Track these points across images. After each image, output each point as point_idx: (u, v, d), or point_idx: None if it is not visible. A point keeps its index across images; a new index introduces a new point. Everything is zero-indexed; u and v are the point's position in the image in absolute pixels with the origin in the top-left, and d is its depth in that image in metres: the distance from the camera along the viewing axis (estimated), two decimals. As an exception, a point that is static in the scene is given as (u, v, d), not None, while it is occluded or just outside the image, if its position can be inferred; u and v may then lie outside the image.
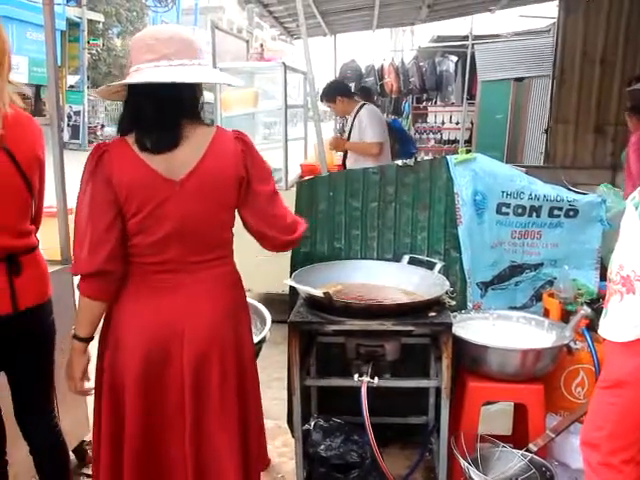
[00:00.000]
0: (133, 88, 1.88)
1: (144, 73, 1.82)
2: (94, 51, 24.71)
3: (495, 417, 3.02)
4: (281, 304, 3.08)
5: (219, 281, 2.02)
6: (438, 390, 2.55)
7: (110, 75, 26.07)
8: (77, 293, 1.98)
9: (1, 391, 2.22)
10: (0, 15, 17.31)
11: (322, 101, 5.48)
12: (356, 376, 2.41)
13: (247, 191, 1.98)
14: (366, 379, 2.38)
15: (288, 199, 4.25)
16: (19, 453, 2.31)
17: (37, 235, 2.20)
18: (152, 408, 1.96)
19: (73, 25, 22.00)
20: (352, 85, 9.11)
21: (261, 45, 5.48)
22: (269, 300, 3.04)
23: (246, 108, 5.48)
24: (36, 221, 2.20)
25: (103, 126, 23.60)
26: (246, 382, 2.07)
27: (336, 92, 5.36)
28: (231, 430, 2.00)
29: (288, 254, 3.03)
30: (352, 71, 11.18)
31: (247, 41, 6.36)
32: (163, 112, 1.85)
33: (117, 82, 1.91)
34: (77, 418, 2.98)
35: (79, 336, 1.98)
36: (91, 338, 2.00)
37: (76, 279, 2.00)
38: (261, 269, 4.73)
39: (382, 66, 11.45)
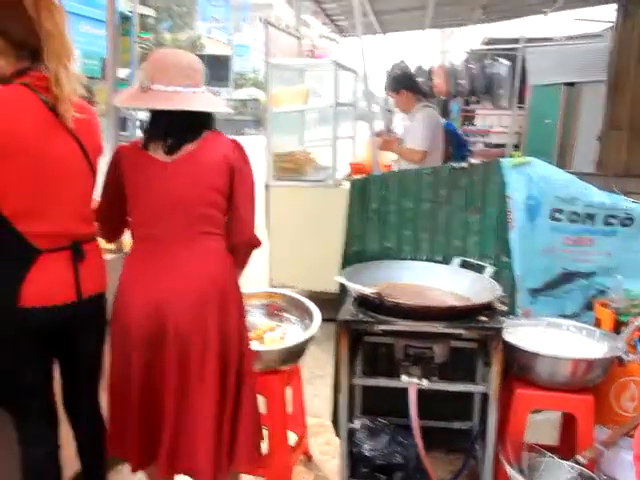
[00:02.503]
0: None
1: (158, 95, 2.10)
2: (144, 45, 25.08)
3: (542, 426, 2.97)
4: (324, 302, 3.08)
5: (209, 256, 2.21)
6: (484, 395, 2.52)
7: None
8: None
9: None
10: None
11: (386, 90, 5.37)
12: (404, 377, 2.40)
13: (239, 183, 2.23)
14: (415, 381, 2.37)
15: (336, 197, 4.32)
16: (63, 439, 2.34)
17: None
18: (151, 365, 2.17)
19: (125, 19, 22.30)
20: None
21: (313, 44, 5.47)
22: (311, 298, 3.04)
23: (296, 105, 5.47)
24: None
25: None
26: (229, 363, 2.22)
27: (402, 84, 5.25)
28: (206, 411, 2.18)
29: (336, 252, 3.04)
30: (401, 71, 11.10)
31: (298, 38, 6.36)
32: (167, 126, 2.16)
33: (135, 104, 2.25)
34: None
35: None
36: None
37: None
38: (305, 267, 4.76)
39: (431, 67, 11.35)
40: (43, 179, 1.95)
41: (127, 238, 2.46)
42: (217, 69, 36.61)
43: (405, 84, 5.29)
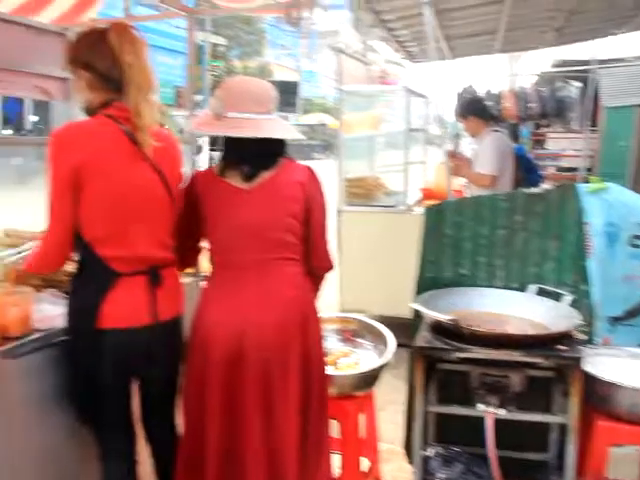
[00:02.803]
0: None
1: (232, 122, 2.14)
2: (215, 72, 25.77)
3: (621, 461, 2.87)
4: (396, 327, 3.07)
5: (284, 279, 2.23)
6: (561, 426, 2.46)
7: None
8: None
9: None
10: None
11: (455, 115, 5.39)
12: (481, 406, 2.38)
13: (314, 210, 2.28)
14: (492, 410, 2.34)
15: (407, 222, 4.33)
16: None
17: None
18: (229, 398, 2.18)
19: (198, 48, 23.09)
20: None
21: (384, 69, 5.52)
22: (383, 322, 3.05)
23: (368, 131, 5.53)
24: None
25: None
26: (311, 388, 2.24)
27: (471, 110, 5.25)
28: (290, 436, 2.19)
29: (407, 277, 3.04)
30: (470, 96, 11.04)
31: (367, 64, 6.43)
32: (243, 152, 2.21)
33: (210, 130, 2.25)
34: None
35: None
36: None
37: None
38: (375, 291, 4.77)
39: (500, 91, 11.24)
40: (122, 206, 2.04)
41: (204, 262, 2.53)
42: (285, 95, 37.11)
43: (474, 109, 5.28)
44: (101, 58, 2.04)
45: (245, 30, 29.12)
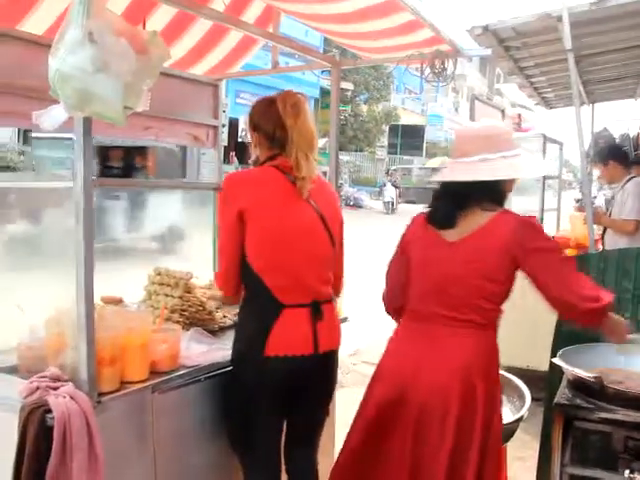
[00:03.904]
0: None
1: (444, 170, 2.27)
2: (342, 116, 26.35)
3: None
4: (527, 380, 2.97)
5: (464, 344, 2.15)
6: None
7: (355, 138, 27.51)
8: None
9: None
10: (263, 85, 19.35)
11: (592, 161, 5.24)
12: (627, 472, 2.24)
13: (534, 259, 2.11)
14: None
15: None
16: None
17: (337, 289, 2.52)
18: (378, 440, 2.20)
19: (325, 93, 23.73)
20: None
21: (519, 115, 5.45)
22: (514, 374, 2.95)
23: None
24: (337, 276, 2.50)
25: (341, 185, 24.97)
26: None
27: (610, 156, 5.09)
28: None
29: (540, 329, 2.95)
30: (605, 140, 10.65)
31: (502, 110, 6.37)
32: (450, 199, 2.21)
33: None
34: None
35: None
36: None
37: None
38: (508, 343, 4.61)
39: (638, 134, 10.76)
40: (284, 241, 2.23)
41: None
42: (412, 139, 37.45)
43: (614, 155, 5.12)
44: (267, 121, 2.32)
45: (373, 76, 29.65)
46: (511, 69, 5.60)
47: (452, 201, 2.19)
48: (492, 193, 2.18)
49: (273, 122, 2.29)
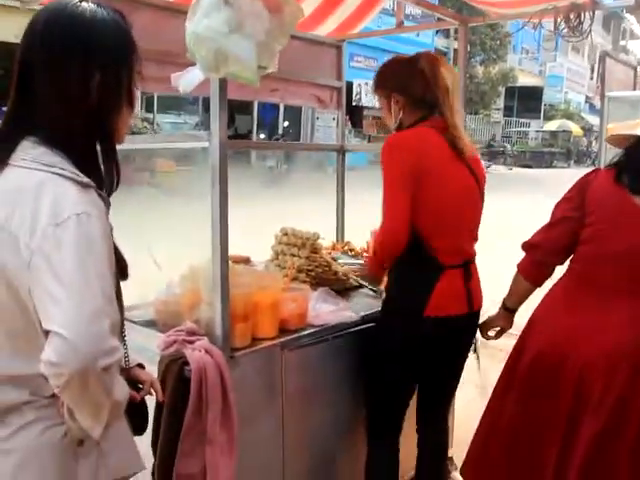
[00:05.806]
0: None
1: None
2: (455, 78, 25.65)
3: None
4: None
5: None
6: None
7: (470, 101, 26.71)
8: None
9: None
10: (378, 48, 19.11)
11: None
12: None
13: None
14: None
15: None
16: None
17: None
18: (533, 404, 2.15)
19: (441, 54, 23.19)
20: None
21: (655, 72, 5.08)
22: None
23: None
24: None
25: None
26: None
27: None
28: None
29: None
30: None
31: (635, 68, 5.96)
32: None
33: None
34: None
35: (506, 304, 2.40)
36: (514, 310, 2.40)
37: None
38: None
39: None
40: (444, 202, 2.22)
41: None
42: (528, 101, 36.05)
43: None
44: (415, 83, 2.28)
45: (489, 36, 28.60)
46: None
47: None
48: None
49: (422, 84, 2.26)
